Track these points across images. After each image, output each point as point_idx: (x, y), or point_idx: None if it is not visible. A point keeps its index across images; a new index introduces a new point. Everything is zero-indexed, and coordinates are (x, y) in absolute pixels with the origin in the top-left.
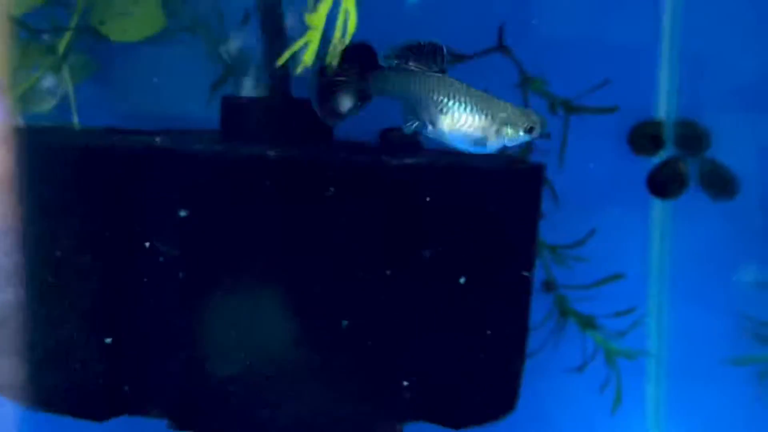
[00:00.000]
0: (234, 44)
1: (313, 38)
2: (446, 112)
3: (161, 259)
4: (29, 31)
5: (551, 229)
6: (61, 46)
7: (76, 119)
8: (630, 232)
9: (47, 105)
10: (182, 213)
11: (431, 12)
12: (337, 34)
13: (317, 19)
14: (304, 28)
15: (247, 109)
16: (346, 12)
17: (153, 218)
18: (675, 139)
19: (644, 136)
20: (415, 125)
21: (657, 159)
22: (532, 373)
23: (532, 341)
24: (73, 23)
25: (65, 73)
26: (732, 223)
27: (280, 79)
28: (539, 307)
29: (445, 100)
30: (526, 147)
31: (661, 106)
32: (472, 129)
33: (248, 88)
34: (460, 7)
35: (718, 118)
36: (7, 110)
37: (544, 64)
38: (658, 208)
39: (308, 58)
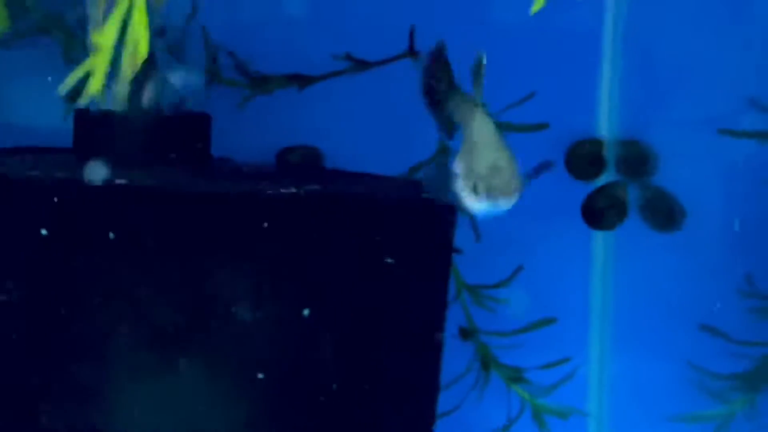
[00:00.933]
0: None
1: (100, 63)
2: None
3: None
4: None
5: (471, 266)
6: None
7: None
8: (565, 269)
9: None
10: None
11: (324, 17)
12: (126, 61)
13: (104, 39)
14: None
15: (104, 125)
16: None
17: None
18: (617, 161)
19: (583, 158)
20: None
21: (598, 183)
22: None
23: (451, 396)
24: None
25: None
26: (679, 255)
27: (143, 87)
28: (458, 356)
29: None
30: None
31: (602, 124)
32: None
33: (115, 98)
34: (361, 11)
35: (664, 137)
36: None
37: (465, 73)
38: (598, 240)
39: (95, 87)
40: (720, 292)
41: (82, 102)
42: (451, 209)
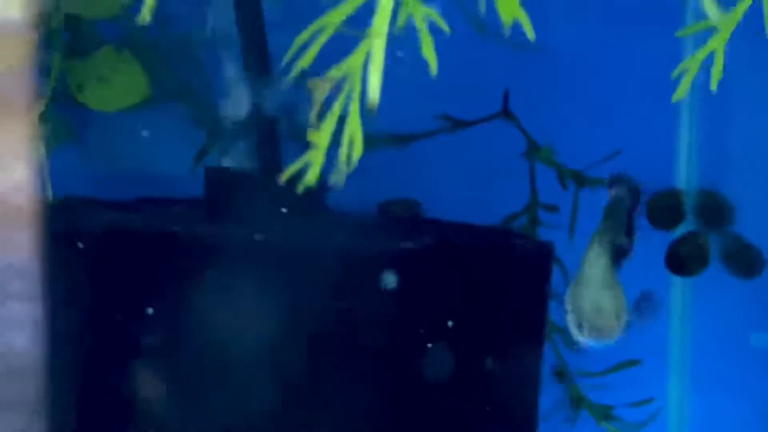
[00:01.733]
0: (221, 112)
1: (317, 158)
2: None
3: (139, 346)
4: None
5: (563, 311)
6: (35, 113)
7: (49, 188)
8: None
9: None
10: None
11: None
12: (342, 157)
13: (321, 139)
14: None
15: (232, 182)
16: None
17: (129, 305)
18: (696, 212)
19: (662, 208)
20: None
21: (676, 233)
22: None
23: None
24: (47, 91)
25: (39, 141)
26: (758, 303)
27: (270, 149)
28: (549, 395)
29: None
30: (532, 221)
31: (680, 175)
32: None
33: (236, 157)
34: (462, 71)
35: (742, 189)
36: None
37: (553, 132)
38: (677, 285)
39: (311, 178)
40: None
41: (299, 189)
42: (547, 257)
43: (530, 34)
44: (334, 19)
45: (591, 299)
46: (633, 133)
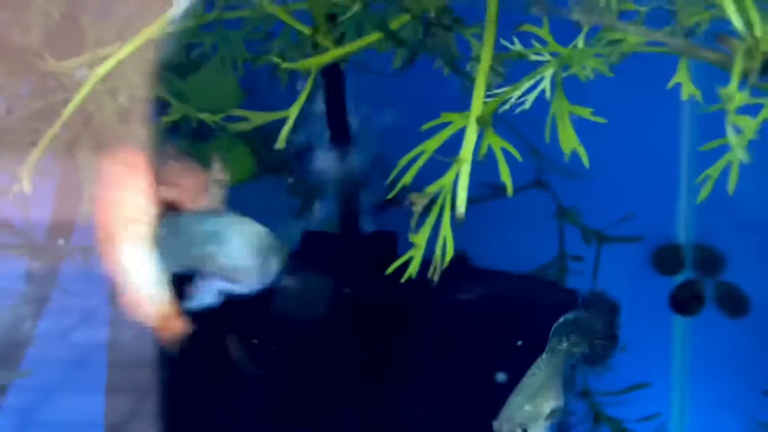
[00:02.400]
0: (311, 183)
1: (417, 255)
2: None
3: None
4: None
5: None
6: None
7: None
8: (655, 345)
9: None
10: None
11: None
12: (437, 255)
13: (420, 240)
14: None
15: (323, 242)
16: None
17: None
18: (694, 261)
19: (666, 259)
20: None
21: (678, 278)
22: None
23: None
24: None
25: None
26: (746, 337)
27: (351, 214)
28: (577, 410)
29: None
30: (561, 269)
31: (680, 232)
32: None
33: (320, 219)
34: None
35: (732, 242)
36: None
37: (577, 196)
38: (679, 323)
39: (413, 270)
40: None
41: (403, 280)
42: (573, 303)
43: (586, 162)
44: (430, 146)
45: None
46: (642, 196)
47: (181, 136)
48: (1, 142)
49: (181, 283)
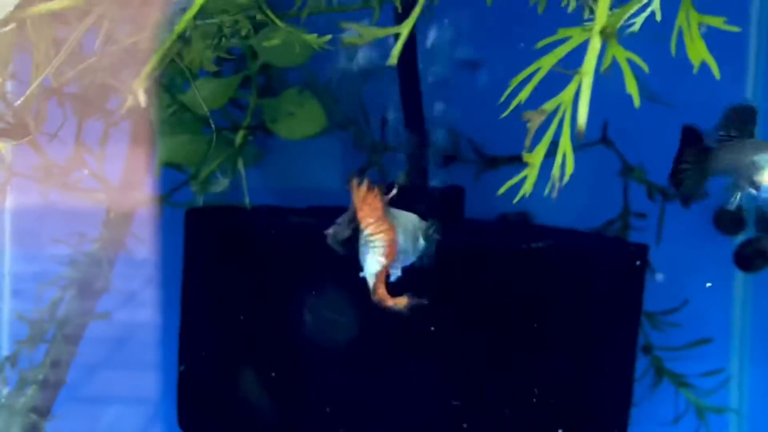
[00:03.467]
0: (378, 138)
1: (531, 174)
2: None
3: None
4: (212, 128)
5: (649, 298)
6: (238, 140)
7: (247, 199)
8: (716, 302)
9: (221, 187)
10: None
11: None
12: (555, 172)
13: (535, 159)
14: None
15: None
16: (564, 157)
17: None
18: (755, 221)
19: (727, 219)
20: (738, 198)
21: (739, 239)
22: (633, 424)
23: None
24: (246, 122)
25: (240, 161)
26: None
27: (419, 169)
28: (638, 366)
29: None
30: (624, 226)
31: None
32: None
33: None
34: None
35: None
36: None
37: (644, 154)
38: (739, 281)
39: (527, 189)
40: None
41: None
42: (644, 256)
43: (717, 73)
44: (548, 62)
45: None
46: None
47: (251, 92)
48: None
49: None
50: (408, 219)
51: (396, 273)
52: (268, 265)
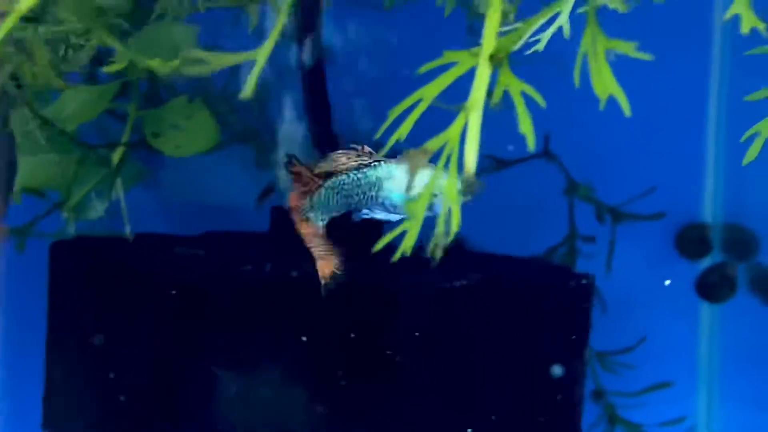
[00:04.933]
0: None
1: (413, 229)
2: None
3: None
4: (82, 146)
5: (598, 335)
6: (115, 159)
7: (127, 227)
8: (678, 338)
9: (96, 213)
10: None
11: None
12: (439, 228)
13: (418, 210)
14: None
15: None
16: (449, 207)
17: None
18: (723, 243)
19: (691, 240)
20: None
21: (705, 263)
22: None
23: None
24: (125, 138)
25: (118, 182)
26: None
27: None
28: (588, 414)
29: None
30: (571, 252)
31: (707, 210)
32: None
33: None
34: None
35: (766, 222)
36: None
37: (591, 171)
38: (706, 313)
39: (407, 245)
40: None
41: (395, 258)
42: (589, 289)
43: (627, 110)
44: (430, 92)
45: None
46: (663, 170)
47: (131, 100)
48: None
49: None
50: (402, 173)
51: (365, 215)
52: (145, 307)
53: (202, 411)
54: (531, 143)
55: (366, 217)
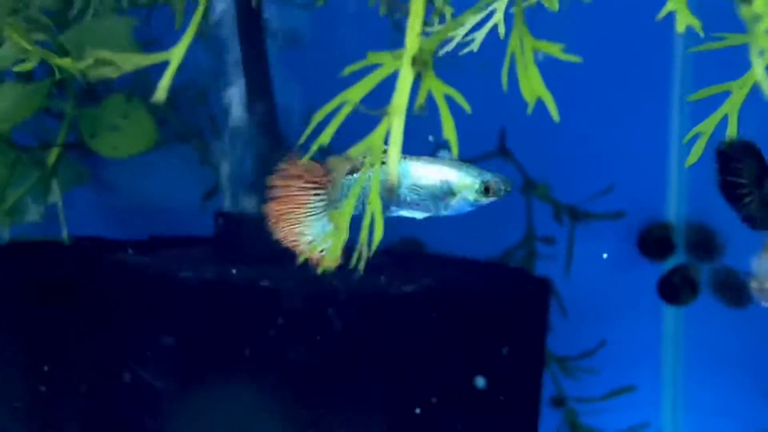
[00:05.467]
0: (224, 155)
1: (338, 240)
2: None
3: (145, 385)
4: (15, 148)
5: (558, 340)
6: (50, 160)
7: (65, 231)
8: (642, 342)
9: (33, 217)
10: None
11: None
12: (363, 238)
13: (342, 220)
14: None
15: (239, 226)
16: (372, 216)
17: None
18: (686, 244)
19: (654, 241)
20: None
21: (669, 263)
22: None
23: None
24: (60, 139)
25: (54, 184)
26: (746, 330)
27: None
28: (549, 420)
29: None
30: (530, 255)
31: (670, 209)
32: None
33: (242, 199)
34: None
35: (729, 221)
36: None
37: (549, 170)
38: (670, 316)
39: (332, 259)
40: None
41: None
42: (545, 293)
43: (555, 115)
44: (352, 96)
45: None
46: (625, 169)
47: (68, 98)
48: None
49: None
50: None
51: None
52: (79, 317)
53: (134, 419)
54: (455, 150)
55: (395, 215)
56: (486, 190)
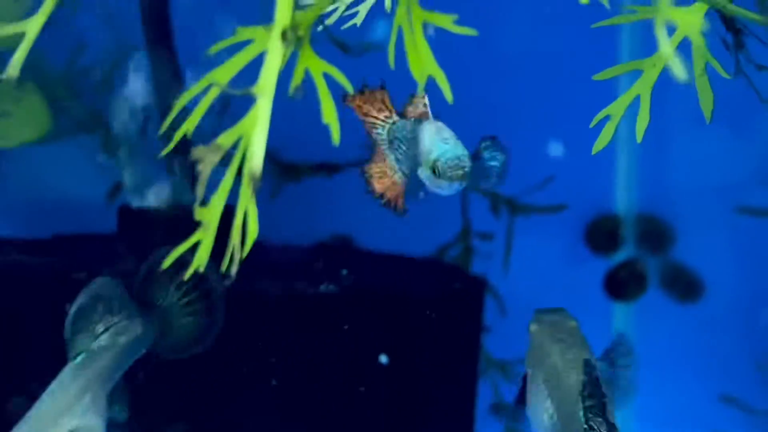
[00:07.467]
0: (130, 145)
1: (206, 240)
2: None
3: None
4: None
5: (497, 341)
6: None
7: None
8: (588, 338)
9: None
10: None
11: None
12: (235, 236)
13: (210, 215)
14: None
15: (145, 220)
16: (246, 212)
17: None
18: (635, 237)
19: (602, 233)
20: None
21: (616, 257)
22: None
23: None
24: None
25: None
26: (698, 327)
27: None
28: (488, 430)
29: None
30: (466, 252)
31: (619, 200)
32: None
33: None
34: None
35: (681, 214)
36: None
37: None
38: (620, 313)
39: (199, 261)
40: (738, 363)
41: (187, 276)
42: (480, 292)
43: (448, 95)
44: (221, 76)
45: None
46: (571, 159)
47: None
48: None
49: None
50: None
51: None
52: None
53: None
54: (336, 137)
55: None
56: (433, 171)
